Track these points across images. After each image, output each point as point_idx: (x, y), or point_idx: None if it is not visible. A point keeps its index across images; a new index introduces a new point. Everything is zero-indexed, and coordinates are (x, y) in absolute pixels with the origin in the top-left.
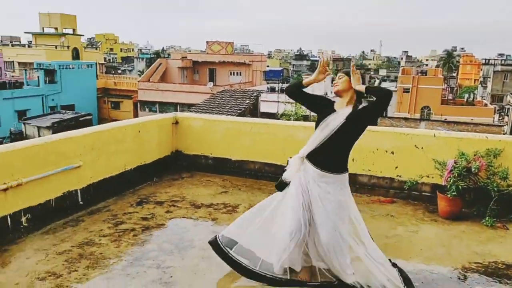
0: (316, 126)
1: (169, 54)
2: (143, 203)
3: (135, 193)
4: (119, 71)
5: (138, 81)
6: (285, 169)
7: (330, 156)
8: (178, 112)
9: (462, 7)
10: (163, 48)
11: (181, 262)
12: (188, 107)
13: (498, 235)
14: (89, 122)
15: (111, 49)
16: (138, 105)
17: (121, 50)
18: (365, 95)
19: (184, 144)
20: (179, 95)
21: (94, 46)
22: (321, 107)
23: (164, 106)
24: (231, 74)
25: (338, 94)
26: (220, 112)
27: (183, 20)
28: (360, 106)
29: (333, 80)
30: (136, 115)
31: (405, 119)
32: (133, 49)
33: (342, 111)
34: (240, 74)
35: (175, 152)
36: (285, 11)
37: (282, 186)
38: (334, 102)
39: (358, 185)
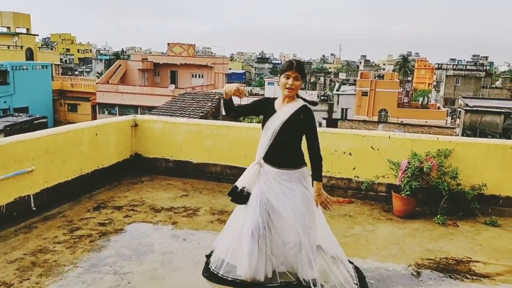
0: (262, 126)
1: (129, 56)
2: (100, 208)
3: (92, 198)
4: (76, 73)
5: (97, 83)
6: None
7: (283, 154)
8: (137, 114)
9: (417, 14)
10: (122, 49)
11: (140, 267)
12: (149, 109)
13: (449, 232)
14: (44, 125)
15: (68, 50)
16: (97, 108)
17: (78, 51)
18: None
19: (144, 147)
20: (140, 97)
21: (49, 46)
22: (263, 109)
23: (124, 109)
24: (193, 77)
25: (290, 95)
26: (182, 115)
27: (143, 21)
28: (300, 106)
29: (286, 76)
30: (94, 118)
31: (364, 121)
32: (91, 50)
33: (281, 112)
34: (202, 77)
35: (134, 156)
36: (247, 15)
37: (241, 196)
38: (274, 101)
39: None
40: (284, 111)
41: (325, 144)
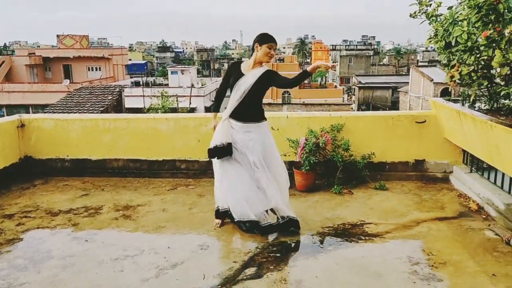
0: (231, 88)
1: (13, 51)
2: None
3: None
4: None
5: None
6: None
7: (248, 110)
8: (24, 114)
9: (308, 1)
10: (5, 44)
11: (37, 276)
12: (42, 108)
13: (345, 200)
14: None
15: None
16: None
17: None
18: None
19: (34, 149)
20: (30, 95)
21: None
22: (232, 76)
23: (13, 109)
24: (89, 70)
25: (269, 62)
26: (80, 111)
27: (26, 13)
28: (265, 70)
29: (270, 46)
30: None
31: (269, 104)
32: None
33: (250, 74)
34: (100, 69)
35: (24, 159)
36: (142, 2)
37: (224, 150)
38: (240, 64)
39: None
40: (253, 73)
41: None
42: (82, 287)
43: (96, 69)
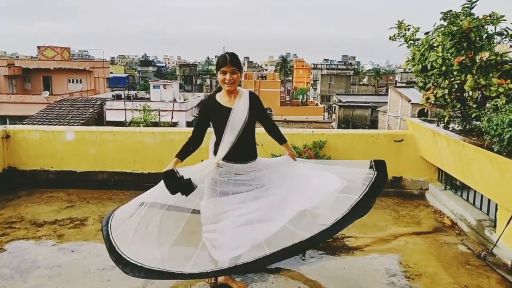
0: (215, 128)
1: None
2: None
3: None
4: None
5: None
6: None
7: (247, 148)
8: (9, 125)
9: (290, 19)
10: None
11: (24, 286)
12: (20, 119)
13: None
14: None
15: None
16: None
17: None
18: None
19: (19, 160)
20: (8, 107)
21: None
22: (212, 113)
23: None
24: (70, 82)
25: (231, 89)
26: (61, 123)
27: (5, 22)
28: (251, 95)
29: (223, 72)
30: None
31: None
32: None
33: (239, 106)
34: (81, 82)
35: (7, 169)
36: (123, 17)
37: (184, 187)
38: (215, 99)
39: None
40: (241, 105)
41: None
42: None
43: (77, 81)
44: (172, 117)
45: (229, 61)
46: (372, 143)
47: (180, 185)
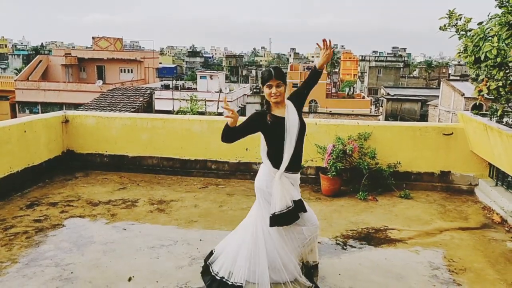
0: (272, 140)
1: (50, 51)
2: (34, 206)
3: (24, 196)
4: None
5: (15, 80)
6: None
7: (298, 158)
8: (68, 110)
9: (337, 9)
10: (42, 44)
11: (81, 258)
12: (75, 107)
13: (369, 206)
14: None
15: None
16: (17, 107)
17: None
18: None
19: (76, 143)
20: (65, 94)
21: None
22: (263, 124)
23: (48, 107)
24: (122, 72)
25: (278, 101)
26: (113, 111)
27: (61, 14)
28: (291, 104)
29: (269, 86)
30: (14, 117)
31: None
32: (6, 45)
33: (291, 117)
34: (132, 72)
35: (66, 152)
36: (174, 7)
37: (290, 215)
38: (265, 111)
39: (253, 173)
40: (292, 115)
41: (257, 133)
42: (122, 270)
43: (128, 71)
44: (218, 107)
45: (274, 75)
46: (420, 136)
47: (289, 215)
